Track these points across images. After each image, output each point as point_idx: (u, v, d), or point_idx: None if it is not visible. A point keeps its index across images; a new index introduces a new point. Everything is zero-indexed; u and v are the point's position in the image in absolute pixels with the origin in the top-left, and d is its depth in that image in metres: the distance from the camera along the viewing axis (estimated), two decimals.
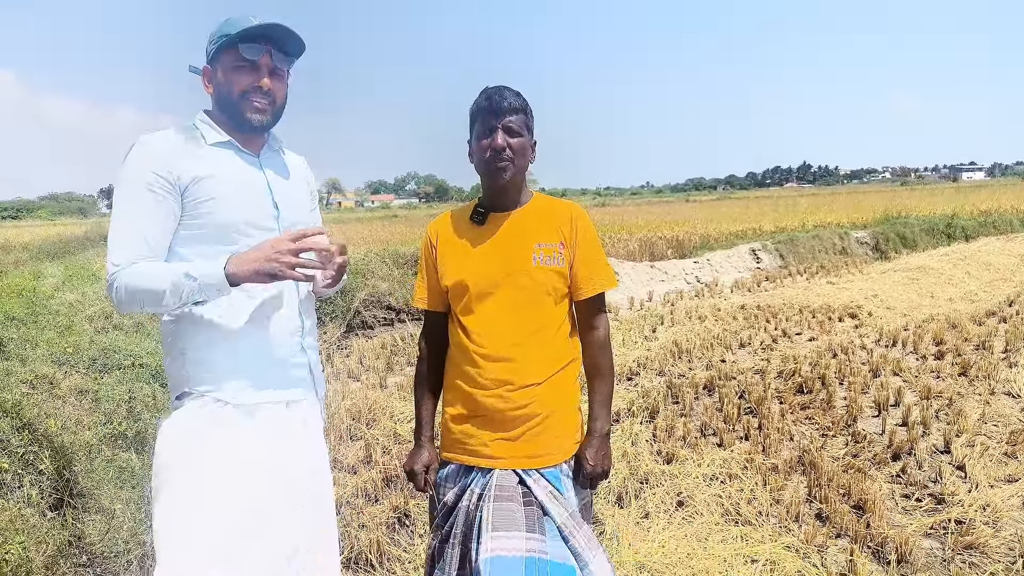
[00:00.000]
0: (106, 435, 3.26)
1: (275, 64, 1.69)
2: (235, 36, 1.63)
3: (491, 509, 1.65)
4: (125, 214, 1.59)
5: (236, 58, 1.65)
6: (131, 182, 1.59)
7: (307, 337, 1.81)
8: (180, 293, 1.54)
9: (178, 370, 1.66)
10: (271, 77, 1.69)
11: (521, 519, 1.63)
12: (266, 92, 1.68)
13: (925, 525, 3.05)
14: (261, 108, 1.69)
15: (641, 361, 5.90)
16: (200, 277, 1.54)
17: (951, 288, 9.25)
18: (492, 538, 1.59)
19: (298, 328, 1.77)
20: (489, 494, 1.69)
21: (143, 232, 1.59)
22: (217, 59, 1.68)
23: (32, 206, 75.81)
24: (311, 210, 1.91)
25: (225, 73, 1.67)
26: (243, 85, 1.66)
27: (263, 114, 1.70)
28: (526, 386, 1.73)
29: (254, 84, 1.67)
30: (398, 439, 4.15)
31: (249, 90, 1.67)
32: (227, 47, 1.65)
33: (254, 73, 1.67)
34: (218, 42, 1.66)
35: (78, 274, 8.09)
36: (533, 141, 1.80)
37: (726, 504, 3.26)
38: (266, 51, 1.67)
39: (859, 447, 3.89)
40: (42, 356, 3.94)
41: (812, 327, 7.14)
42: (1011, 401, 4.57)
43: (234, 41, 1.64)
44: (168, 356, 1.71)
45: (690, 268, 11.66)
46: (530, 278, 1.74)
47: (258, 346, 1.68)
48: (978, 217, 17.10)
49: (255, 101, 1.68)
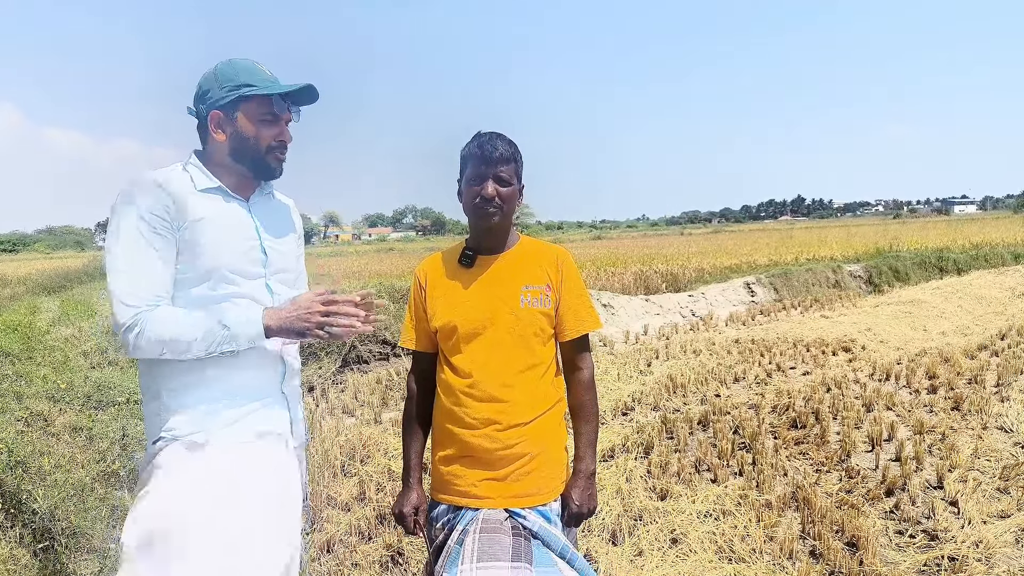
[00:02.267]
0: (99, 473, 3.26)
1: (293, 118, 1.78)
2: (268, 89, 1.69)
3: (476, 540, 1.66)
4: (132, 253, 1.56)
5: (266, 112, 1.71)
6: (131, 222, 1.56)
7: (289, 382, 1.80)
8: (211, 342, 1.55)
9: (154, 414, 1.64)
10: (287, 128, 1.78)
11: (507, 549, 1.64)
12: (285, 144, 1.77)
13: (918, 562, 3.05)
14: (281, 159, 1.78)
15: (636, 396, 5.91)
16: (233, 327, 1.55)
17: (943, 322, 9.30)
18: (475, 568, 1.60)
19: (279, 373, 1.76)
20: (475, 527, 1.70)
21: (154, 273, 1.57)
22: (235, 107, 1.69)
23: (29, 239, 75.94)
24: (297, 257, 1.91)
25: (250, 123, 1.71)
26: (269, 138, 1.72)
27: (281, 164, 1.78)
28: (514, 426, 1.76)
29: (279, 138, 1.74)
30: (392, 476, 4.14)
31: (275, 144, 1.74)
32: (249, 97, 1.68)
33: (278, 126, 1.74)
34: (239, 90, 1.68)
35: (74, 309, 8.10)
36: (521, 187, 1.86)
37: (720, 541, 3.25)
38: (288, 106, 1.75)
39: (853, 483, 3.89)
40: (37, 392, 3.94)
41: (806, 361, 7.17)
42: (1003, 435, 4.59)
43: (268, 96, 1.70)
44: (145, 398, 1.68)
45: (685, 301, 11.71)
46: (517, 319, 1.78)
47: (236, 391, 1.66)
48: (970, 250, 17.24)
49: (280, 154, 1.76)
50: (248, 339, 1.58)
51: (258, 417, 1.69)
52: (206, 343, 1.55)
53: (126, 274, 1.56)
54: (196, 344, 1.54)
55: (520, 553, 1.64)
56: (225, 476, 1.59)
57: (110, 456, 3.45)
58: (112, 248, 1.58)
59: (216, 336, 1.55)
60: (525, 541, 1.68)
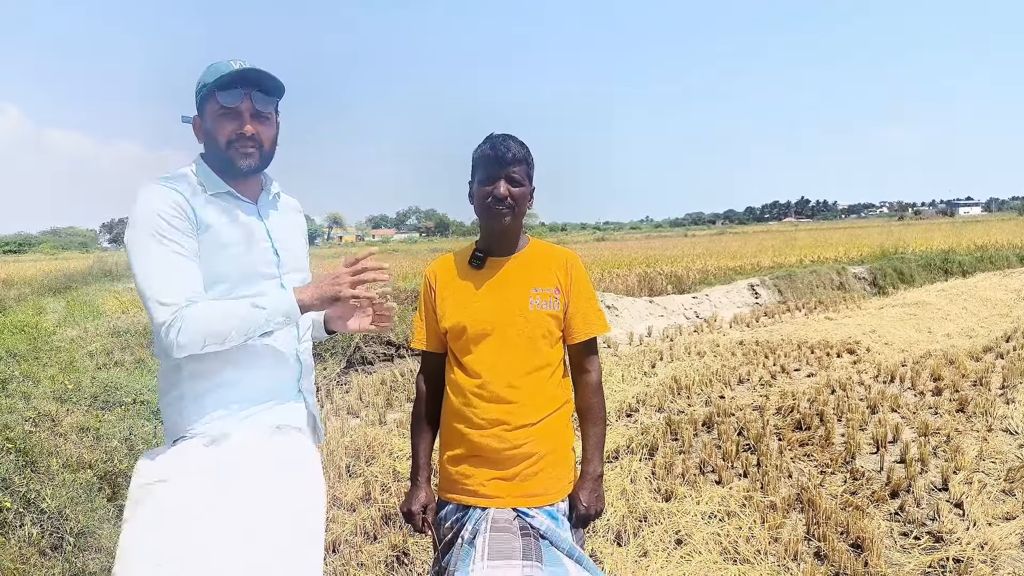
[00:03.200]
0: (107, 473, 3.28)
1: (256, 108, 1.69)
2: (212, 84, 1.64)
3: (487, 540, 1.68)
4: (159, 254, 1.56)
5: (218, 106, 1.66)
6: (156, 223, 1.57)
7: (304, 380, 1.84)
8: (248, 326, 1.56)
9: (176, 415, 1.66)
10: (254, 121, 1.69)
11: (518, 549, 1.65)
12: (251, 137, 1.68)
13: (923, 564, 3.05)
14: (248, 153, 1.69)
15: (640, 397, 5.92)
16: (269, 307, 1.57)
17: (948, 324, 9.28)
18: (488, 567, 1.61)
19: (296, 373, 1.80)
20: (484, 527, 1.71)
21: (185, 270, 1.58)
22: (204, 109, 1.70)
23: (34, 240, 76.19)
24: (305, 255, 1.94)
25: (211, 122, 1.68)
26: (227, 133, 1.67)
27: (250, 159, 1.70)
28: (521, 426, 1.77)
29: (237, 131, 1.67)
30: (397, 476, 4.15)
31: (234, 138, 1.67)
32: (209, 96, 1.67)
33: (237, 120, 1.67)
34: (201, 91, 1.68)
35: (80, 310, 8.14)
36: (532, 188, 1.87)
37: (724, 542, 3.26)
38: (245, 95, 1.67)
39: (857, 484, 3.90)
40: (44, 393, 3.97)
41: (810, 363, 7.17)
42: (1008, 438, 4.58)
43: (213, 89, 1.65)
44: (165, 400, 1.70)
45: (689, 303, 11.71)
46: (527, 321, 1.80)
47: (256, 391, 1.69)
48: (975, 252, 17.22)
49: (241, 148, 1.68)
50: (283, 315, 1.59)
51: (278, 413, 1.73)
52: (244, 326, 1.57)
53: (157, 275, 1.55)
54: (235, 330, 1.56)
55: (531, 553, 1.66)
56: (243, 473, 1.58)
57: (117, 456, 3.47)
58: (137, 253, 1.58)
59: (252, 319, 1.57)
60: (535, 541, 1.70)
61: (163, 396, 1.72)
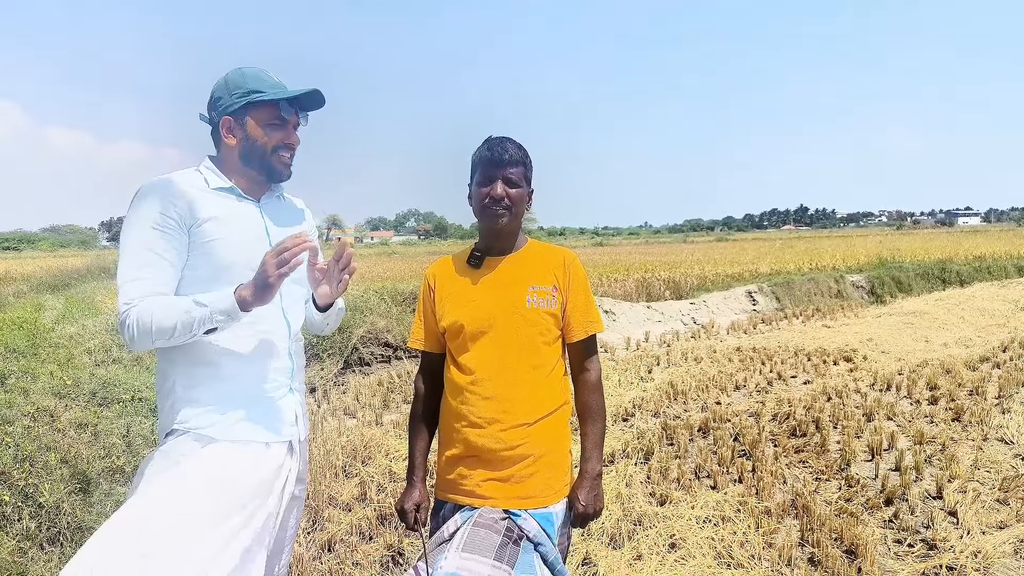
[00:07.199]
0: (105, 468, 3.28)
1: (299, 122, 1.87)
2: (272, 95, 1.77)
3: (466, 532, 1.69)
4: (135, 254, 1.64)
5: (274, 116, 1.79)
6: (140, 222, 1.65)
7: (295, 379, 1.88)
8: (192, 322, 1.58)
9: (168, 408, 1.71)
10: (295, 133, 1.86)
11: (493, 547, 1.65)
12: (292, 147, 1.85)
13: (917, 571, 3.06)
14: (287, 163, 1.86)
15: (636, 402, 5.93)
16: (210, 303, 1.60)
17: (945, 333, 9.31)
18: (460, 556, 1.62)
19: (288, 369, 1.84)
20: (468, 522, 1.73)
21: (154, 270, 1.64)
22: (245, 112, 1.78)
23: (33, 237, 76.16)
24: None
25: (258, 128, 1.79)
26: (276, 140, 1.81)
27: (288, 168, 1.86)
28: (518, 426, 1.78)
29: (285, 140, 1.83)
30: (393, 477, 4.16)
31: (281, 146, 1.82)
32: (258, 104, 1.77)
33: (284, 130, 1.83)
34: (247, 97, 1.77)
35: (78, 307, 8.15)
36: (530, 190, 1.89)
37: (719, 547, 3.27)
38: (294, 110, 1.83)
39: (852, 491, 3.91)
40: (43, 389, 3.98)
41: (807, 370, 7.19)
42: (1004, 447, 4.60)
43: (275, 101, 1.78)
44: (160, 395, 1.76)
45: (686, 309, 11.73)
46: (524, 319, 1.81)
47: (247, 386, 1.74)
48: (973, 262, 17.25)
49: (284, 155, 1.84)
50: (224, 312, 1.60)
51: (268, 413, 1.76)
52: (187, 325, 1.59)
53: (128, 273, 1.63)
54: (179, 327, 1.59)
55: (504, 555, 1.65)
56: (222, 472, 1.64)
57: (115, 452, 3.48)
58: (121, 248, 1.67)
59: (194, 315, 1.59)
60: (513, 544, 1.69)
61: (159, 392, 1.77)
